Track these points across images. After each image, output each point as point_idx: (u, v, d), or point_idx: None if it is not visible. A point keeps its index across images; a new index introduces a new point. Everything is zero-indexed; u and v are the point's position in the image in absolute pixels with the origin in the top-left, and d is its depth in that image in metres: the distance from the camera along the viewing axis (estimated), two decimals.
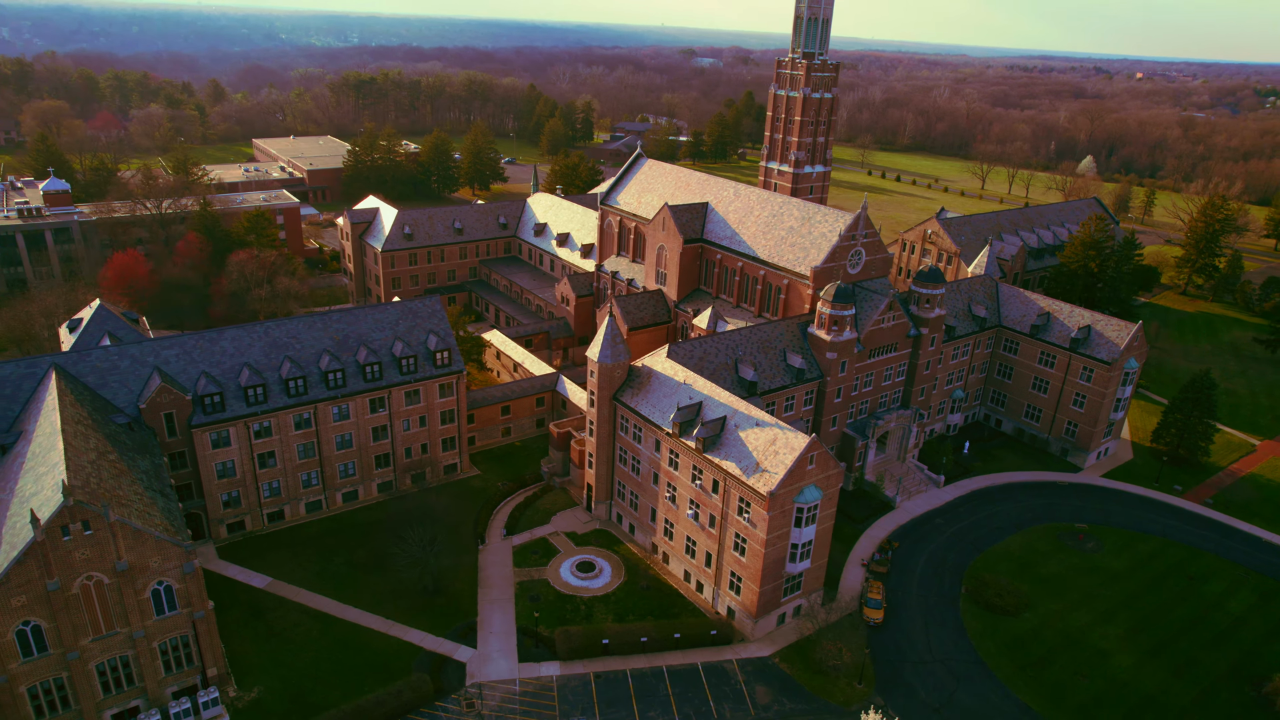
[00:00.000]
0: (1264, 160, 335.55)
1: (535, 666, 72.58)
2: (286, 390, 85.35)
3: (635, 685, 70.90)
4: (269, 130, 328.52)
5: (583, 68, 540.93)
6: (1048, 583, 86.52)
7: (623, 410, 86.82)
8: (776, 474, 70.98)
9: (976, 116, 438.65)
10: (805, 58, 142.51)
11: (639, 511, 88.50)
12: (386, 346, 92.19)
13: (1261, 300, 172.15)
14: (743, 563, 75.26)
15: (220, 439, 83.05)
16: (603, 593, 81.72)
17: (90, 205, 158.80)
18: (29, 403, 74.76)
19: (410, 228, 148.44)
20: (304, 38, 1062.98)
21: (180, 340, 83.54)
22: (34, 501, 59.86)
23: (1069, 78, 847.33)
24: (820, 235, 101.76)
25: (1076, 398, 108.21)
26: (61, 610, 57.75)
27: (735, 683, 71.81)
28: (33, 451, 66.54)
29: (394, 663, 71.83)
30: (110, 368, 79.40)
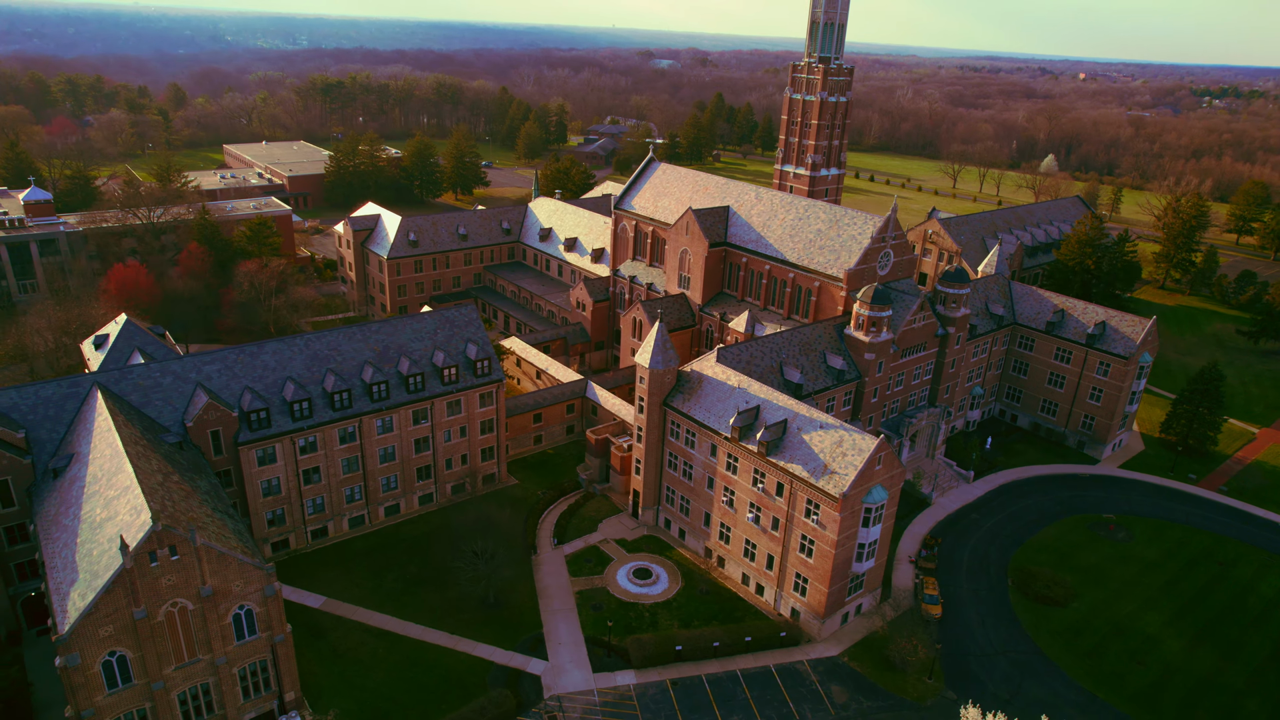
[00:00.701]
0: (1214, 158, 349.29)
1: (610, 676, 72.23)
2: (331, 404, 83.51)
3: (713, 690, 71.05)
4: (235, 135, 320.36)
5: (547, 70, 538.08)
6: (1088, 573, 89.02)
7: (674, 416, 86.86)
8: (847, 475, 71.79)
9: (940, 116, 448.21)
10: (821, 62, 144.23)
11: (690, 516, 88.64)
12: (427, 356, 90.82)
13: (1237, 293, 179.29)
14: (810, 564, 75.93)
15: (266, 455, 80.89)
16: (663, 599, 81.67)
17: (77, 215, 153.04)
18: (74, 424, 71.93)
19: (415, 234, 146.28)
20: (251, 40, 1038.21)
21: (221, 355, 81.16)
22: (109, 527, 57.68)
23: (1017, 78, 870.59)
24: (850, 238, 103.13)
25: (1093, 392, 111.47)
26: (148, 639, 55.73)
27: (810, 683, 72.43)
28: (93, 475, 64.05)
29: (468, 679, 70.82)
30: (153, 385, 76.80)
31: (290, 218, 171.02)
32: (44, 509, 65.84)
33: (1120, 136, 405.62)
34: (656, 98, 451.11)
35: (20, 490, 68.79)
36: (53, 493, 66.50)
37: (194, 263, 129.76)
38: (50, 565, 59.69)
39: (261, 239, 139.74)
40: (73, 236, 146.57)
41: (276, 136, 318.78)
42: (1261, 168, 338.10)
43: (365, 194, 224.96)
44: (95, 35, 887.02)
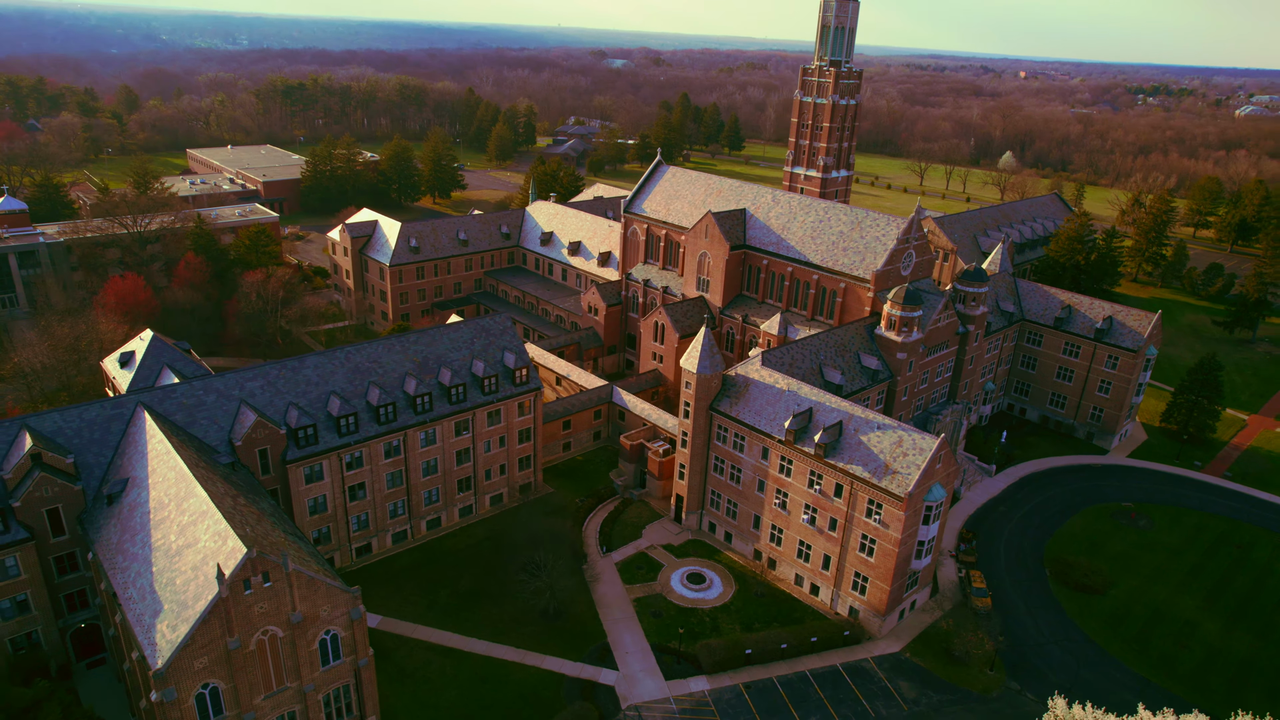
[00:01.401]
0: (1161, 154, 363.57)
1: (683, 683, 72.25)
2: (376, 418, 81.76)
3: (786, 692, 71.60)
4: (193, 139, 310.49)
5: (507, 71, 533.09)
6: (1118, 560, 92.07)
7: (721, 420, 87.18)
8: (910, 475, 73.03)
9: (898, 115, 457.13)
10: (833, 65, 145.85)
11: (738, 520, 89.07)
12: (466, 366, 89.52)
13: (1206, 285, 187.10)
14: (870, 563, 77.00)
15: (313, 473, 78.82)
16: (720, 603, 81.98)
17: (56, 225, 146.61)
18: (121, 446, 69.08)
19: (416, 240, 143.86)
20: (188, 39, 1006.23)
21: (263, 371, 78.77)
22: (189, 555, 55.63)
23: (963, 76, 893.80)
24: (874, 239, 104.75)
25: (1102, 384, 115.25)
26: (240, 669, 53.84)
27: (878, 680, 73.52)
28: (157, 500, 61.63)
29: (542, 693, 70.13)
30: (196, 404, 74.19)
31: (277, 225, 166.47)
32: (103, 537, 63.11)
33: (1071, 134, 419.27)
34: (621, 98, 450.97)
35: (71, 518, 65.81)
36: (110, 520, 63.77)
37: (191, 273, 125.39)
38: (124, 596, 57.28)
39: (260, 248, 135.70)
40: (54, 248, 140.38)
41: (238, 140, 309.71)
42: (1204, 163, 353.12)
43: (343, 199, 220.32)
44: (21, 33, 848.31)
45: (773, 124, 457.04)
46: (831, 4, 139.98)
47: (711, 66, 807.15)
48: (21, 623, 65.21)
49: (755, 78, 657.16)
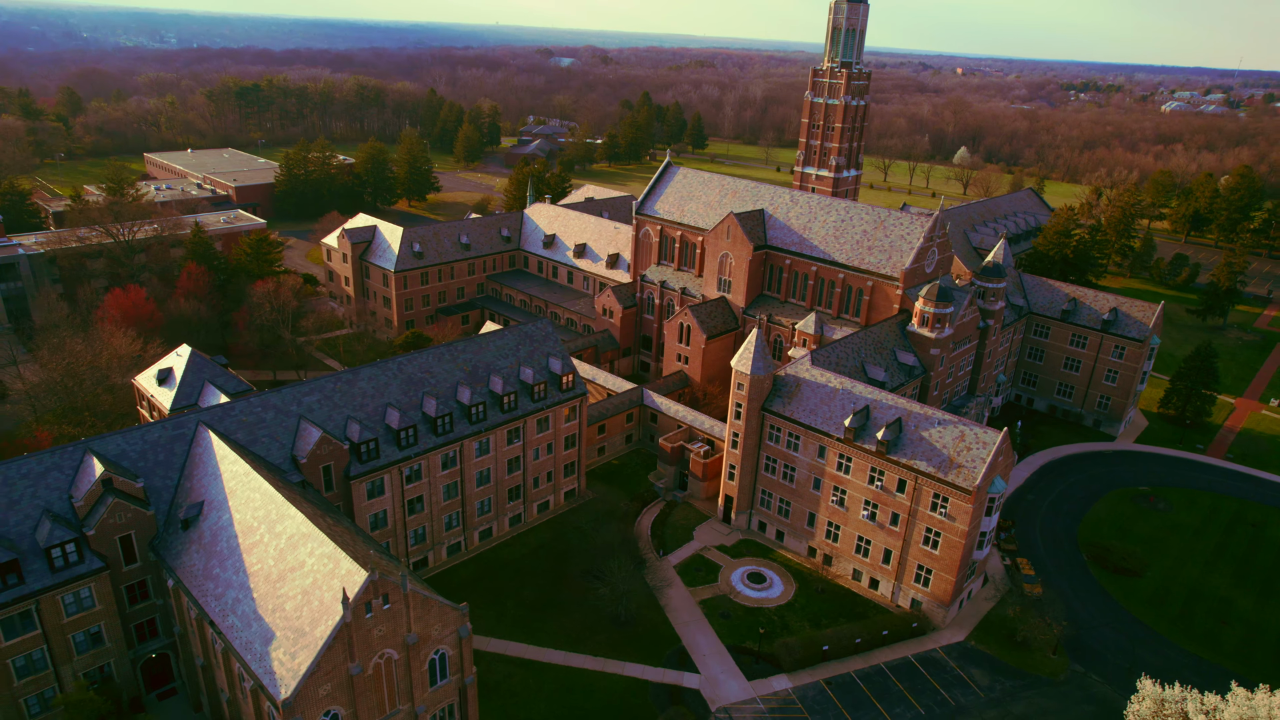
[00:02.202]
0: (1106, 149, 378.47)
1: (766, 683, 72.86)
2: (434, 429, 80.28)
3: (867, 686, 72.81)
4: (144, 143, 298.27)
5: (462, 70, 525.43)
6: (1147, 543, 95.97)
7: (773, 420, 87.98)
8: (977, 469, 74.94)
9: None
10: (844, 67, 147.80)
11: (791, 518, 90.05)
12: (514, 373, 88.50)
13: (1173, 274, 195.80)
14: (935, 555, 78.75)
15: (374, 488, 77.00)
16: (783, 602, 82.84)
17: (35, 236, 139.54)
18: (187, 468, 66.45)
19: (420, 245, 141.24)
20: (110, 37, 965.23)
21: (319, 385, 76.57)
22: (295, 579, 53.98)
23: (904, 73, 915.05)
24: (899, 238, 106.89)
25: (1109, 373, 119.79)
26: (361, 694, 52.44)
27: (951, 670, 75.31)
28: (244, 523, 59.52)
29: (630, 700, 69.94)
30: (256, 421, 71.76)
31: (265, 230, 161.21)
32: (183, 563, 60.66)
33: (1018, 129, 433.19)
34: (582, 97, 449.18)
35: (143, 545, 63.06)
36: (190, 545, 61.32)
37: (192, 284, 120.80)
38: (224, 625, 55.25)
39: (262, 256, 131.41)
40: (34, 260, 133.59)
41: (191, 143, 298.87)
42: (1144, 157, 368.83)
43: (318, 203, 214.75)
44: None
45: (731, 122, 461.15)
46: (843, 7, 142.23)
47: (659, 64, 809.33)
48: (96, 655, 62.25)
49: (706, 75, 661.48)
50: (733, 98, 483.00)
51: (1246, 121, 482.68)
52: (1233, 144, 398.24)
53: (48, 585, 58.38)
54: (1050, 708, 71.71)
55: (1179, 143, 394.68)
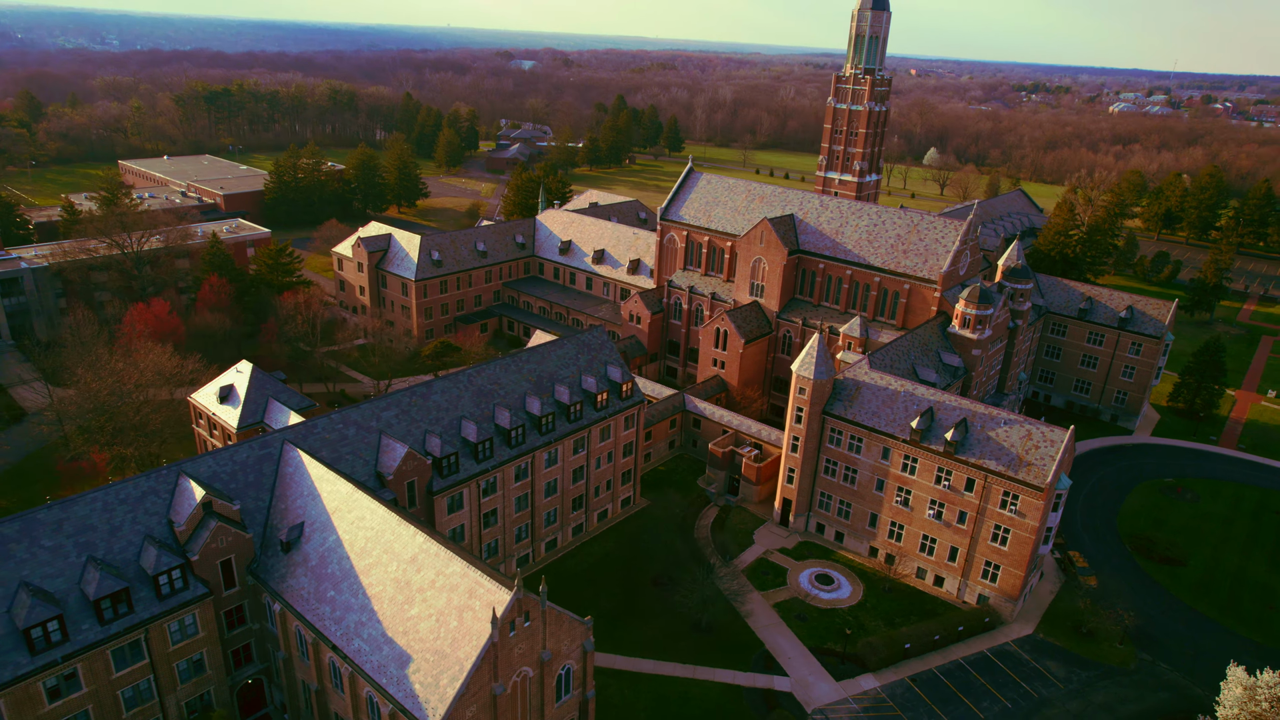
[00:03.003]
0: (1069, 149, 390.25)
1: (854, 682, 73.96)
2: (508, 441, 79.76)
3: (950, 682, 74.38)
4: (110, 149, 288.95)
5: (430, 74, 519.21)
6: (1183, 533, 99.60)
7: (834, 423, 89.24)
8: (1047, 466, 77.12)
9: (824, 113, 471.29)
10: (867, 73, 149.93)
11: (852, 519, 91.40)
12: (577, 383, 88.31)
13: (1155, 271, 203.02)
14: (1004, 551, 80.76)
15: (454, 502, 76.24)
16: (854, 602, 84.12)
17: (37, 249, 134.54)
18: (278, 488, 65.04)
19: (438, 253, 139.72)
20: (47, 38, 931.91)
21: (395, 399, 75.46)
22: (430, 598, 53.29)
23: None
24: (934, 241, 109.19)
25: (1126, 369, 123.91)
26: (503, 714, 52.03)
27: (1027, 662, 77.33)
28: (354, 543, 58.53)
29: (727, 706, 70.41)
30: (339, 438, 70.50)
31: (270, 241, 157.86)
32: (290, 587, 59.35)
33: (982, 130, 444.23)
34: (557, 100, 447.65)
35: (242, 568, 61.52)
36: (295, 568, 60.03)
37: (215, 296, 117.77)
38: (350, 649, 54.25)
39: (284, 268, 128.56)
40: (38, 273, 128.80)
41: (161, 150, 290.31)
42: (1105, 157, 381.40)
43: (309, 211, 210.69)
44: None
45: (702, 124, 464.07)
46: (867, 15, 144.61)
47: (620, 67, 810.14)
48: (198, 684, 60.54)
49: (670, 78, 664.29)
50: (703, 100, 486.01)
51: (1194, 122, 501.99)
52: (1185, 144, 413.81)
53: (156, 613, 56.68)
54: (1128, 696, 74.11)
55: (1136, 143, 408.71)
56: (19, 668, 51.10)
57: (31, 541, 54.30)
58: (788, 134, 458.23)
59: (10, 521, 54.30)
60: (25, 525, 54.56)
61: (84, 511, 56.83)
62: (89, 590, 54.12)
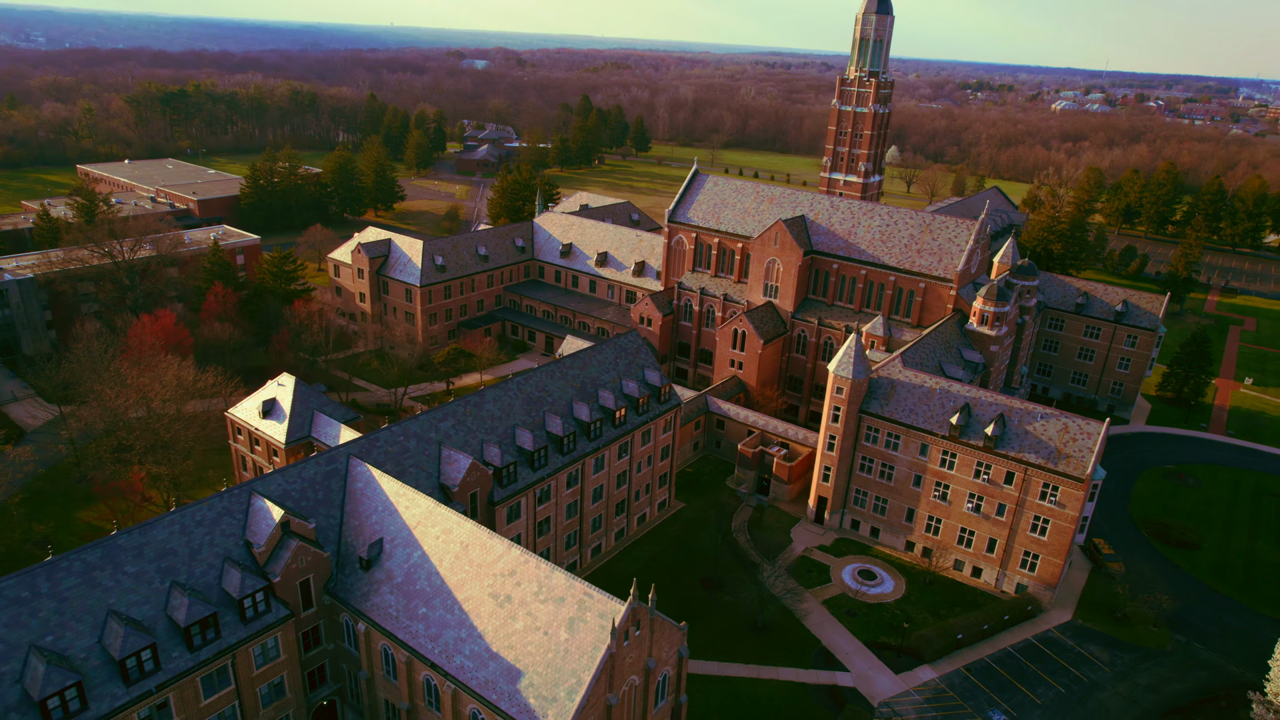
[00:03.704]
0: (1025, 147, 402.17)
1: (913, 674, 75.59)
2: (560, 448, 79.41)
3: (1003, 669, 76.54)
4: (60, 153, 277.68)
5: (387, 74, 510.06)
6: (1193, 517, 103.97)
7: (871, 421, 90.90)
8: (1086, 458, 79.87)
9: (784, 112, 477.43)
10: (871, 76, 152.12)
11: (888, 515, 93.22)
12: (619, 388, 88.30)
13: (1123, 265, 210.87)
14: (1044, 541, 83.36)
15: (513, 512, 75.64)
16: (898, 596, 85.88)
17: (25, 258, 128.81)
18: (348, 504, 63.79)
19: (442, 258, 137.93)
20: None
21: (451, 410, 74.52)
22: (535, 610, 53.00)
23: (810, 72, 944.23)
24: (947, 240, 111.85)
25: (1122, 361, 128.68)
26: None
27: (1072, 648, 79.97)
28: (444, 558, 57.79)
29: (798, 703, 71.35)
30: (401, 451, 69.42)
31: (259, 248, 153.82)
32: (374, 605, 58.26)
33: (937, 128, 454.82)
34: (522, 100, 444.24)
35: (319, 588, 60.17)
36: (378, 586, 58.93)
37: (219, 305, 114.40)
38: (452, 666, 53.56)
39: (286, 275, 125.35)
40: (24, 286, 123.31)
41: (116, 154, 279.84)
42: (1058, 154, 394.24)
43: (287, 215, 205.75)
44: None
45: (665, 124, 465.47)
46: (871, 19, 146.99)
47: (574, 66, 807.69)
48: (278, 708, 59.05)
49: (626, 78, 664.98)
50: (664, 100, 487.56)
51: (1135, 120, 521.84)
52: (1130, 140, 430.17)
53: (243, 637, 55.16)
54: (1170, 676, 77.22)
55: (1086, 140, 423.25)
56: (115, 699, 49.29)
57: (115, 568, 52.38)
58: (750, 133, 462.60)
59: (92, 549, 52.29)
60: (107, 552, 52.61)
61: (162, 535, 55.01)
62: (178, 616, 52.42)
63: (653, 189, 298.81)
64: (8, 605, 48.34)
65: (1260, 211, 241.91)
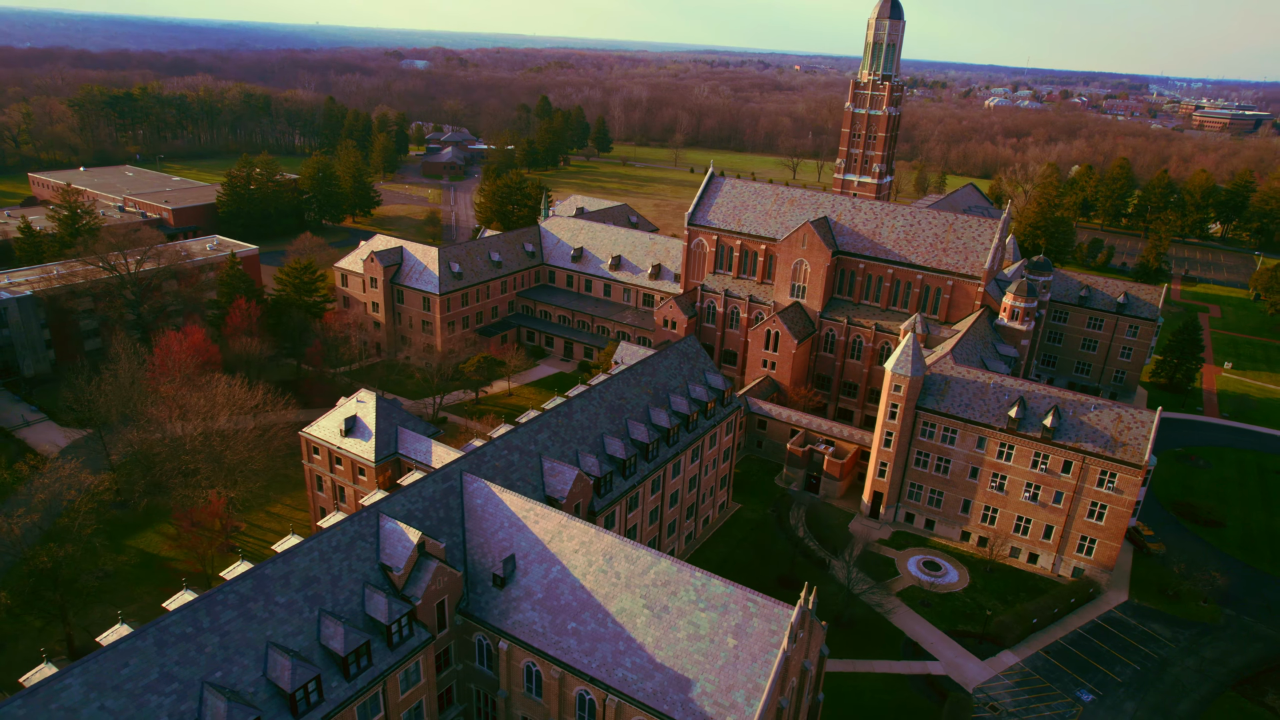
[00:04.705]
0: (975, 143, 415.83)
1: (997, 660, 78.40)
2: (645, 455, 79.71)
3: (1079, 650, 79.99)
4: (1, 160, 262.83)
5: (334, 75, 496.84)
6: (1211, 496, 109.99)
7: (928, 417, 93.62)
8: (1142, 445, 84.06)
9: (738, 111, 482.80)
10: (885, 79, 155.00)
11: (944, 507, 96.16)
12: (686, 392, 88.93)
13: (1091, 256, 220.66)
14: (1101, 526, 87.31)
15: (609, 521, 75.61)
16: (966, 585, 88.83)
17: (24, 274, 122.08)
18: (467, 521, 63.00)
19: (459, 265, 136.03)
20: None
21: (545, 421, 74.14)
22: (695, 618, 53.48)
23: (749, 70, 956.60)
24: (972, 239, 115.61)
25: (1124, 350, 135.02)
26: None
27: (1136, 627, 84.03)
28: (588, 571, 57.72)
29: (898, 694, 73.30)
30: (507, 465, 68.87)
31: (258, 259, 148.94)
32: (517, 623, 57.76)
33: None
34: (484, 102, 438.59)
35: (452, 609, 59.30)
36: (518, 603, 58.41)
37: (243, 320, 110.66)
38: (614, 679, 53.54)
39: (308, 288, 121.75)
40: (24, 304, 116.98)
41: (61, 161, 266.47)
42: (1004, 149, 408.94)
43: (266, 223, 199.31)
44: None
45: (621, 124, 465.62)
46: (885, 24, 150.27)
47: (515, 66, 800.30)
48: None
49: (572, 77, 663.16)
50: (617, 100, 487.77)
51: (1071, 116, 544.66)
52: (1069, 136, 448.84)
53: (392, 664, 54.08)
54: (1230, 650, 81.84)
55: (1029, 136, 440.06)
56: None
57: (267, 599, 50.81)
58: (705, 132, 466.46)
59: (243, 580, 50.63)
60: (258, 582, 51.01)
61: (304, 563, 53.54)
62: (335, 646, 51.14)
63: (624, 189, 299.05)
64: (176, 642, 46.59)
65: (1208, 204, 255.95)
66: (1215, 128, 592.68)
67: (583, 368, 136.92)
